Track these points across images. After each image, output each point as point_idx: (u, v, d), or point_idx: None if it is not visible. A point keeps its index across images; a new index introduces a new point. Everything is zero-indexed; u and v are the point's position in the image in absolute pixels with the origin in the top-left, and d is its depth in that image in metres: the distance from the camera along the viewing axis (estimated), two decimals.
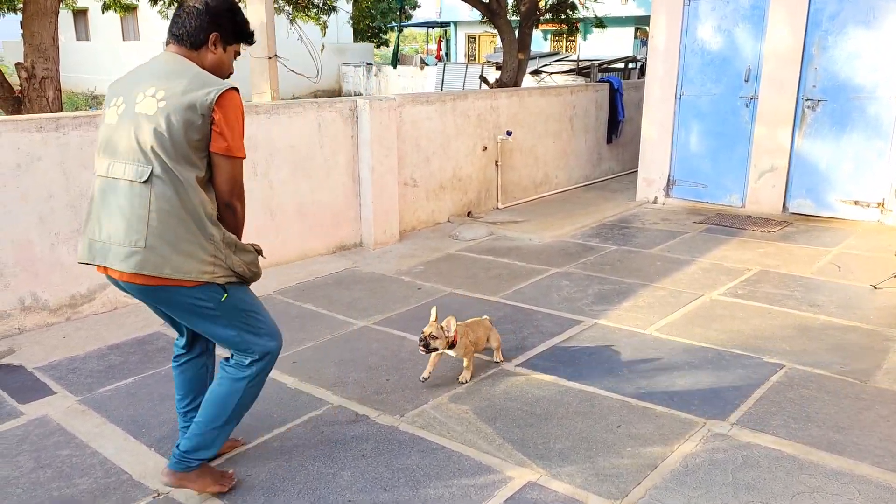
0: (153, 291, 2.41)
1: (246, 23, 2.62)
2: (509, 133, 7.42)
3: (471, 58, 29.37)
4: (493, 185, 7.52)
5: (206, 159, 2.39)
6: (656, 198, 7.86)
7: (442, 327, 3.41)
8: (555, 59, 19.22)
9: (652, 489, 2.72)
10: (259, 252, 2.60)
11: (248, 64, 7.19)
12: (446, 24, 30.96)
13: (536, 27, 12.95)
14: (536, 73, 17.33)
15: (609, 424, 3.20)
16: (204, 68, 2.47)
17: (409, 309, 4.71)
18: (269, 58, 6.72)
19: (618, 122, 9.32)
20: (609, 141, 9.41)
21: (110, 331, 4.31)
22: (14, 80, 6.99)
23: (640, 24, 24.53)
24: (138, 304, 4.81)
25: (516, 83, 10.51)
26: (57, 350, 4.03)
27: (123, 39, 23.85)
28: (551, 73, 17.49)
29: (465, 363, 3.65)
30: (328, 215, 5.85)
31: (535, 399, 3.45)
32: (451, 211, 7.06)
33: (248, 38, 2.66)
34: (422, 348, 3.40)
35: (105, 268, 2.42)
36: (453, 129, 6.85)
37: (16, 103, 6.05)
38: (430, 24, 31.96)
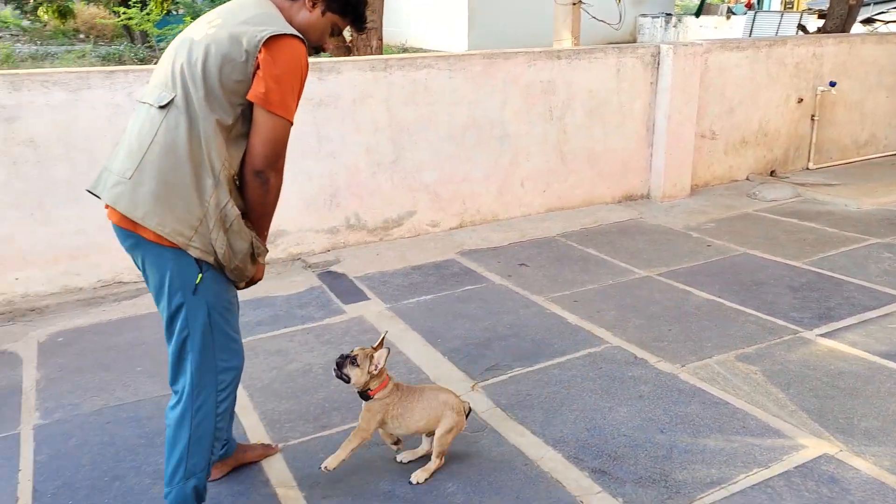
0: (127, 237, 2.03)
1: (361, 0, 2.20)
2: (833, 84, 6.56)
3: (788, 5, 26.25)
4: (804, 143, 6.75)
5: (245, 110, 1.99)
6: None
7: (373, 359, 2.41)
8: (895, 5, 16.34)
9: None
10: (258, 254, 2.11)
11: (551, 10, 7.30)
12: None
13: None
14: (869, 21, 14.90)
15: None
16: (291, 24, 2.05)
17: (697, 265, 4.51)
18: (574, 3, 6.73)
19: None
20: None
21: (413, 253, 4.81)
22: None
23: None
24: (437, 232, 5.37)
25: (843, 32, 9.19)
26: (371, 264, 4.62)
27: None
28: (888, 22, 14.92)
29: (347, 440, 2.43)
30: (617, 163, 5.79)
31: (837, 371, 3.12)
32: (751, 168, 6.52)
33: (357, 16, 2.19)
34: (334, 369, 2.43)
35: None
36: (765, 77, 6.25)
37: (346, 52, 6.92)
38: None
